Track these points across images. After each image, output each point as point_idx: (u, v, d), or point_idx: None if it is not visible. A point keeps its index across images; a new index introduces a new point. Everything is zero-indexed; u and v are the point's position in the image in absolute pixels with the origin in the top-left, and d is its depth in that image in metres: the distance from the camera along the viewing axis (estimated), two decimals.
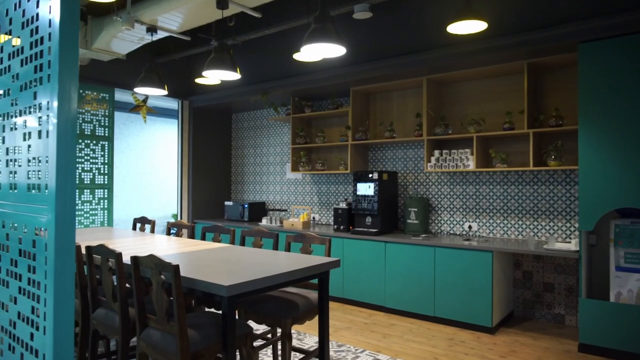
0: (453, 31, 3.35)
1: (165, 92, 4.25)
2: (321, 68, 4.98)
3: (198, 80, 5.49)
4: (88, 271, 2.56)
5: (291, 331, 2.70)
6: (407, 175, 5.18)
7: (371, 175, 4.81)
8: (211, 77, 3.63)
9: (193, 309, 3.00)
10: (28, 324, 1.39)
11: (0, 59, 1.61)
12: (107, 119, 5.65)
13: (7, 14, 1.55)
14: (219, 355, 2.43)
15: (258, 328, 3.93)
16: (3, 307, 1.57)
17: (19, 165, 1.49)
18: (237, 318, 2.70)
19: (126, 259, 2.44)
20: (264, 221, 5.85)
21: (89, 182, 5.46)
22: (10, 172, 1.55)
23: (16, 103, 1.50)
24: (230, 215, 6.38)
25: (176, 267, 2.03)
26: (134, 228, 4.68)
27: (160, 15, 3.79)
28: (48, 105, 1.31)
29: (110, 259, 2.41)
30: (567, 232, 4.16)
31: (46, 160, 1.31)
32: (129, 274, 2.44)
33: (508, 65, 4.12)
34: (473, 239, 4.42)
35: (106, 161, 5.63)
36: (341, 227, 5.11)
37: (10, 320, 1.51)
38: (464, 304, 4.04)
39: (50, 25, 1.31)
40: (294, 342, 3.61)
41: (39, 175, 1.37)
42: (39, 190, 1.36)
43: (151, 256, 2.13)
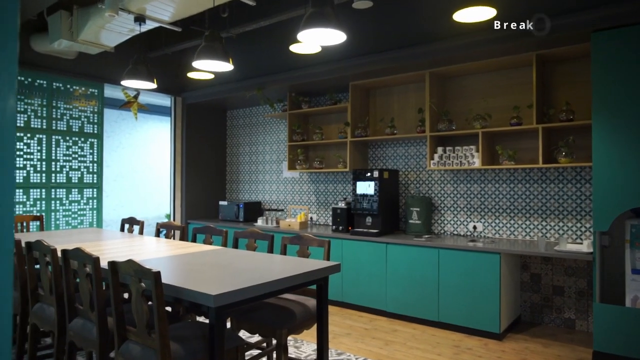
0: (459, 19, 3.14)
1: (154, 86, 4.02)
2: (319, 62, 4.76)
3: (191, 75, 5.27)
4: (64, 277, 2.34)
5: (287, 341, 2.48)
6: (409, 173, 4.96)
7: (371, 174, 4.59)
8: (202, 68, 3.41)
9: (181, 317, 2.78)
10: None
11: None
12: (97, 115, 5.42)
13: None
14: None
15: (251, 336, 3.71)
16: None
17: None
18: (229, 327, 2.48)
19: (104, 264, 2.22)
20: (260, 222, 5.63)
21: (77, 181, 5.23)
22: None
23: None
24: (224, 216, 6.15)
25: (157, 274, 1.81)
26: (122, 229, 4.45)
27: (148, 4, 3.56)
28: None
29: (87, 264, 2.19)
30: (578, 233, 3.95)
31: None
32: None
33: (515, 57, 3.91)
34: (478, 240, 4.21)
35: (95, 159, 5.40)
36: (340, 228, 4.88)
37: None
38: (470, 308, 3.83)
39: None
40: (290, 350, 3.39)
41: None
42: None
43: (130, 261, 1.91)
